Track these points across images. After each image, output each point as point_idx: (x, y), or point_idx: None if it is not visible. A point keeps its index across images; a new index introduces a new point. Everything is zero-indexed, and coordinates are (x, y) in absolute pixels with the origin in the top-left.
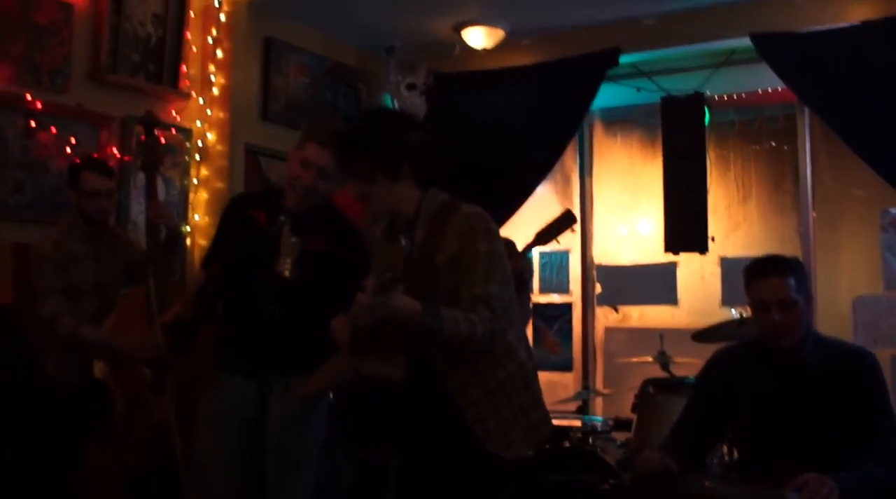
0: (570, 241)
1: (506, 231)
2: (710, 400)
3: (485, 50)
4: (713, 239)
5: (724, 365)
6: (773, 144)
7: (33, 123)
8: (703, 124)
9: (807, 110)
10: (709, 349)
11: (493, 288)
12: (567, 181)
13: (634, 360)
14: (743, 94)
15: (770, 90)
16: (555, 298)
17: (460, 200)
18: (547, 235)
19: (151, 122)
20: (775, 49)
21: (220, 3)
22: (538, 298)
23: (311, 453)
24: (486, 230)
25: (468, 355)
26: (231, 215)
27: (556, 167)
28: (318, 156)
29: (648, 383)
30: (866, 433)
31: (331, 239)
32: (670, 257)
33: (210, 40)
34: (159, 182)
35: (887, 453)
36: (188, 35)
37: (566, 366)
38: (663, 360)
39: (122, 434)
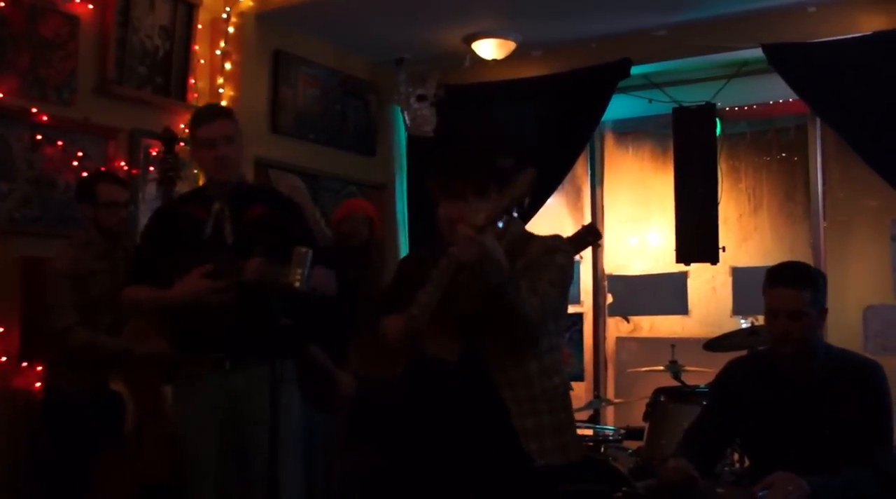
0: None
1: None
2: (721, 409)
3: (495, 61)
4: (724, 249)
5: (736, 375)
6: (785, 154)
7: (40, 137)
8: (715, 135)
9: (818, 121)
10: (720, 359)
11: (552, 290)
12: (578, 192)
13: (645, 369)
14: (754, 106)
15: (781, 101)
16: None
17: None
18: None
19: (171, 138)
20: (787, 60)
21: (228, 15)
22: None
23: (294, 437)
24: (567, 252)
25: (517, 358)
26: (162, 224)
27: (568, 178)
28: (213, 130)
29: (660, 392)
30: (861, 441)
31: (267, 204)
32: (681, 268)
33: (218, 53)
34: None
35: (877, 463)
36: (196, 47)
37: (577, 376)
38: (675, 369)
39: (134, 446)
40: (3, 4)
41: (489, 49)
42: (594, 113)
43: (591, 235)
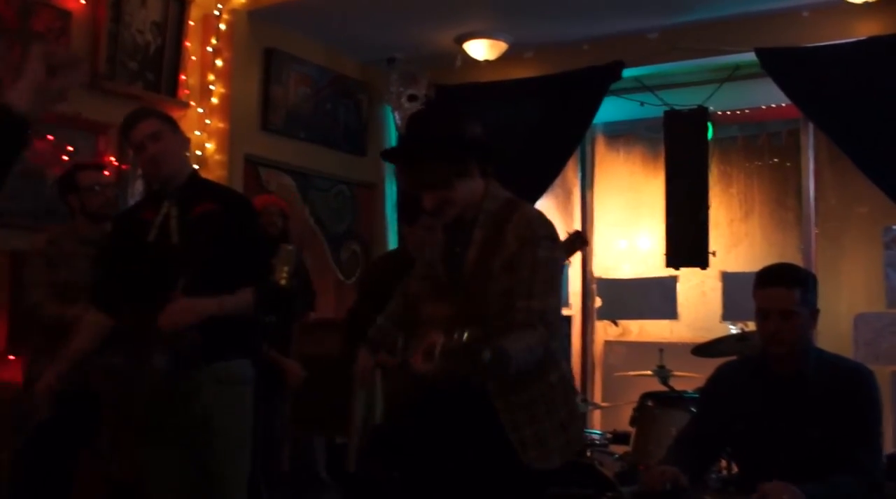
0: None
1: None
2: (711, 415)
3: (487, 62)
4: (714, 254)
5: (726, 380)
6: (777, 159)
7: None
8: (706, 139)
9: (811, 126)
10: (708, 364)
11: (551, 300)
12: (568, 195)
13: (633, 374)
14: (747, 110)
15: (774, 106)
16: None
17: (521, 199)
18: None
19: None
20: (780, 64)
21: (220, 12)
22: None
23: (246, 434)
24: (549, 236)
25: None
26: (117, 231)
27: (558, 181)
28: (138, 132)
29: (647, 396)
30: (849, 446)
31: (215, 200)
32: (671, 272)
33: (210, 49)
34: None
35: (862, 466)
36: (187, 44)
37: None
38: (663, 374)
39: (109, 444)
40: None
41: (480, 50)
42: (585, 115)
43: (578, 242)
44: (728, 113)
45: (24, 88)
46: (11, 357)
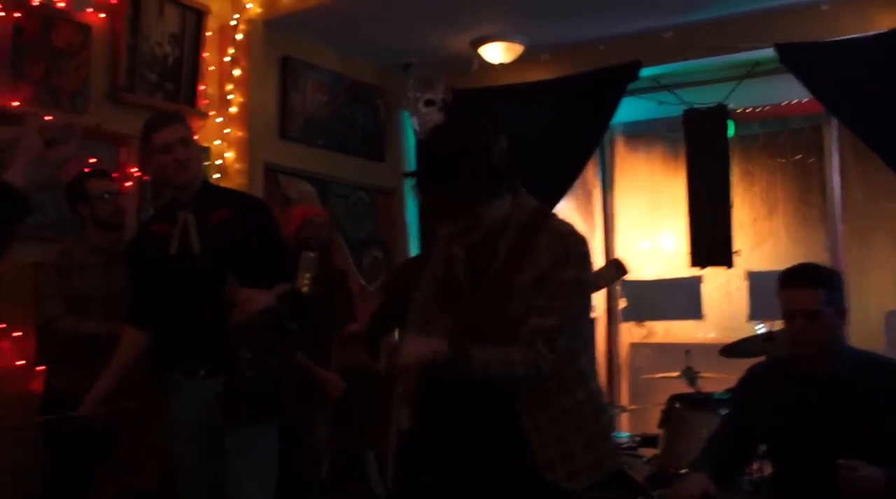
0: (594, 257)
1: None
2: (745, 414)
3: (503, 65)
4: (738, 253)
5: (759, 380)
6: (800, 156)
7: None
8: (727, 137)
9: (834, 121)
10: (736, 364)
11: (565, 324)
12: (588, 197)
13: (660, 376)
14: (767, 107)
15: (795, 101)
16: None
17: (550, 210)
18: (594, 283)
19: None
20: (801, 59)
21: (236, 22)
22: None
23: (270, 437)
24: (581, 255)
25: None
26: (135, 249)
27: (578, 182)
28: (168, 134)
29: (675, 398)
30: (890, 443)
31: (230, 206)
32: (695, 272)
33: (227, 59)
34: None
35: None
36: (205, 54)
37: None
38: (690, 375)
39: (125, 454)
40: (18, 15)
41: (496, 53)
42: (603, 116)
43: (618, 270)
44: (748, 110)
45: (22, 164)
46: (40, 368)
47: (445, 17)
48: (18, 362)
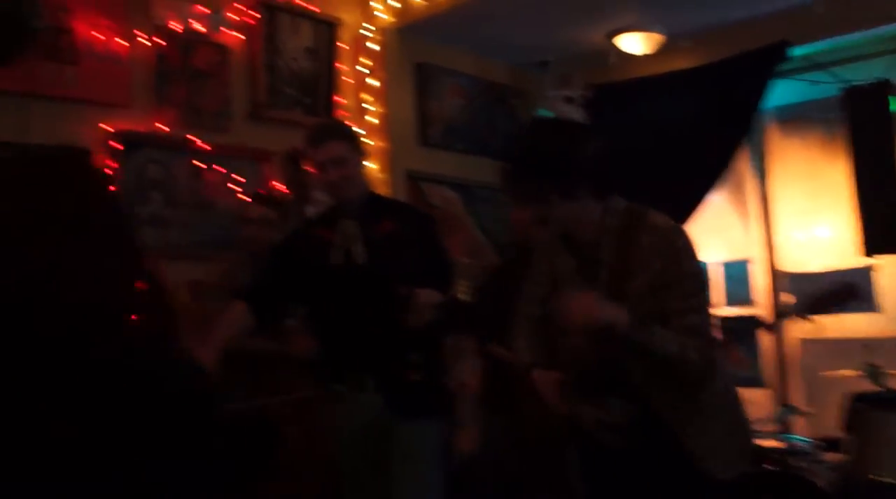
0: (750, 249)
1: None
2: None
3: (641, 56)
4: None
5: None
6: None
7: (199, 164)
8: (889, 115)
9: None
10: None
11: (704, 316)
12: (741, 188)
13: (837, 373)
14: None
15: None
16: (735, 311)
17: (644, 207)
18: (820, 306)
19: (295, 159)
20: None
21: (369, 31)
22: (721, 311)
23: (435, 452)
24: (688, 245)
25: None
26: (291, 246)
27: (730, 173)
28: (321, 153)
29: (859, 398)
30: None
31: (395, 219)
32: (865, 261)
33: (362, 69)
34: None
35: None
36: (341, 66)
37: (754, 381)
38: (873, 372)
39: (290, 470)
40: (163, 44)
41: (635, 44)
42: (752, 102)
43: (850, 298)
44: None
45: (212, 349)
46: None
47: (579, 12)
48: None
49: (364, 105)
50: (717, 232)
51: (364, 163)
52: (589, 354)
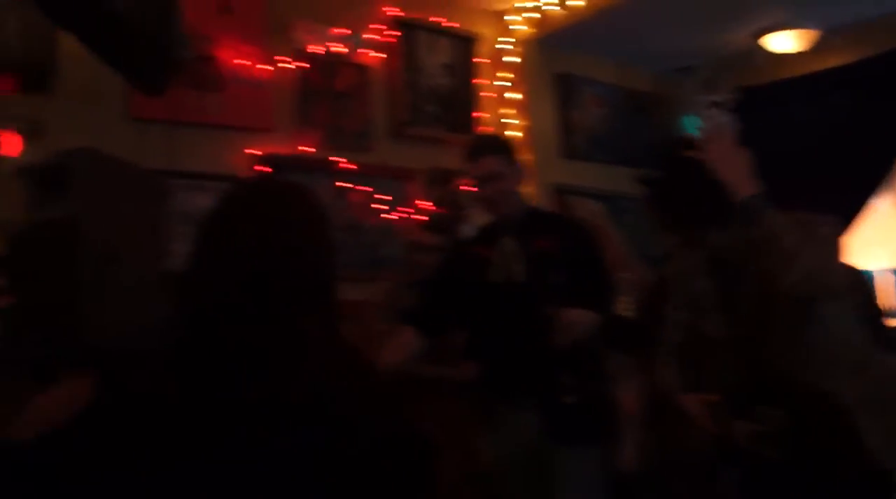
0: None
1: None
2: None
3: (790, 55)
4: None
5: None
6: None
7: (344, 184)
8: None
9: None
10: None
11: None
12: None
13: None
14: None
15: None
16: None
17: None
18: None
19: (443, 178)
20: None
21: (507, 45)
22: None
23: (597, 479)
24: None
25: (827, 365)
26: (449, 266)
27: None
28: (476, 168)
29: None
30: None
31: (553, 235)
32: None
33: (502, 83)
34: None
35: None
36: (480, 80)
37: None
38: None
39: (448, 493)
40: (305, 66)
41: (785, 42)
42: None
43: None
44: None
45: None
46: None
47: (723, 13)
48: None
49: (504, 120)
50: (884, 238)
51: (521, 177)
52: (738, 371)
